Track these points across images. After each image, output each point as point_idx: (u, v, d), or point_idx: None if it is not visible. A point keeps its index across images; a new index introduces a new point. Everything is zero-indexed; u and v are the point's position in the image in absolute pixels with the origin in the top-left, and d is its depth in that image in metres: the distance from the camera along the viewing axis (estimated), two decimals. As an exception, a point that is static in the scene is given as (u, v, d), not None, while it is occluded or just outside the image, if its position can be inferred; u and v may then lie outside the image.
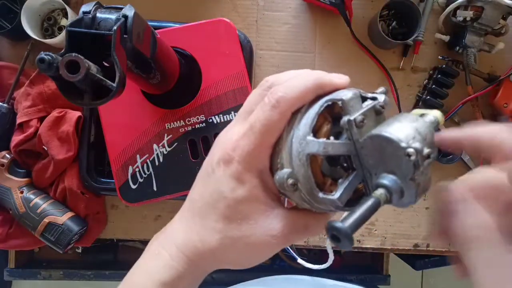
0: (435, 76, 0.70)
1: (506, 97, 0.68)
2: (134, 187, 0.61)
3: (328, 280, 0.66)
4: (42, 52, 0.34)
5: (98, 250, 0.95)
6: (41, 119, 0.66)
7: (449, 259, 0.74)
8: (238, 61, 0.60)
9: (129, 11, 0.39)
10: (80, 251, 0.96)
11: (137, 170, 0.61)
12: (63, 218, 0.65)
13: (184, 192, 0.61)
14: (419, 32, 0.70)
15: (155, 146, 0.61)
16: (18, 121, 0.66)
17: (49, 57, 0.33)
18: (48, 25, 0.70)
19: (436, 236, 0.29)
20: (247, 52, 0.63)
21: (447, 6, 0.67)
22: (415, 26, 0.68)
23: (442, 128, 0.56)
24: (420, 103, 0.71)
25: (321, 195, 0.27)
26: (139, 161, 0.61)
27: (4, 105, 0.67)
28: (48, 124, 0.65)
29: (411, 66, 0.73)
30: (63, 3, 0.66)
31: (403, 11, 0.70)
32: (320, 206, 0.29)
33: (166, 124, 0.61)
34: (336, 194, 0.27)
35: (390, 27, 0.72)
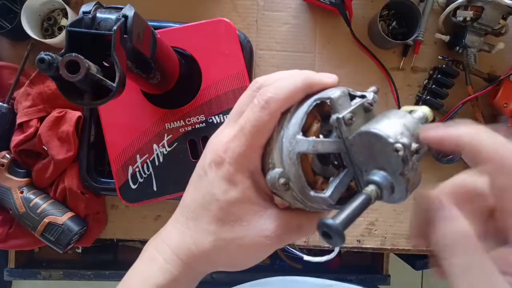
0: (435, 76, 0.70)
1: (506, 97, 0.68)
2: (134, 187, 0.61)
3: (328, 281, 0.66)
4: (42, 52, 0.34)
5: (98, 250, 0.95)
6: (41, 119, 0.66)
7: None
8: (238, 61, 0.60)
9: (129, 11, 0.39)
10: (80, 251, 0.95)
11: (137, 170, 0.61)
12: (63, 218, 0.65)
13: (184, 192, 0.61)
14: (419, 32, 0.70)
15: (155, 146, 0.61)
16: (18, 121, 0.66)
17: (49, 57, 0.33)
18: (48, 25, 0.70)
19: (415, 240, 0.29)
20: (247, 52, 0.63)
21: (447, 6, 0.67)
22: (415, 26, 0.68)
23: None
24: (420, 103, 0.71)
25: (312, 193, 0.27)
26: (139, 161, 0.61)
27: (4, 105, 0.67)
28: (48, 124, 0.65)
29: (411, 66, 0.73)
30: (63, 3, 0.66)
31: (403, 11, 0.70)
32: (312, 204, 0.29)
33: (166, 124, 0.61)
34: (327, 192, 0.27)
35: (390, 27, 0.72)
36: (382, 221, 0.73)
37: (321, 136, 0.28)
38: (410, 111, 0.28)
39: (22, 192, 0.65)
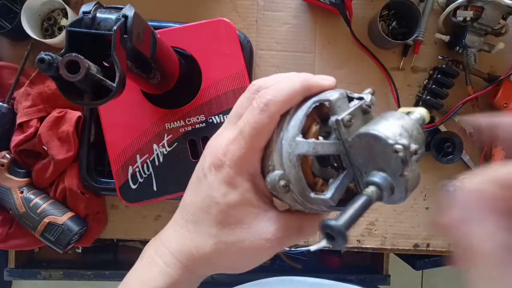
0: (435, 76, 0.70)
1: (506, 97, 0.68)
2: (134, 187, 0.61)
3: (328, 281, 0.66)
4: (42, 52, 0.33)
5: (98, 250, 0.95)
6: (41, 119, 0.66)
7: (445, 260, 0.73)
8: (238, 61, 0.60)
9: (129, 11, 0.39)
10: (80, 251, 0.95)
11: (137, 170, 0.61)
12: (63, 218, 0.65)
13: (184, 192, 0.61)
14: (419, 32, 0.70)
15: (155, 146, 0.61)
16: (18, 121, 0.66)
17: (49, 57, 0.33)
18: (48, 25, 0.70)
19: (437, 230, 0.27)
20: (247, 52, 0.63)
21: (447, 6, 0.67)
22: (415, 26, 0.68)
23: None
24: (420, 103, 0.71)
25: (313, 195, 0.28)
26: (139, 161, 0.61)
27: (4, 105, 0.67)
28: (48, 124, 0.65)
29: (411, 66, 0.73)
30: (63, 3, 0.66)
31: (403, 11, 0.70)
32: (312, 206, 0.29)
33: (166, 124, 0.61)
34: (328, 193, 0.27)
35: (390, 27, 0.72)
36: (382, 221, 0.73)
37: (320, 138, 0.28)
38: (407, 113, 0.28)
39: (22, 192, 0.65)
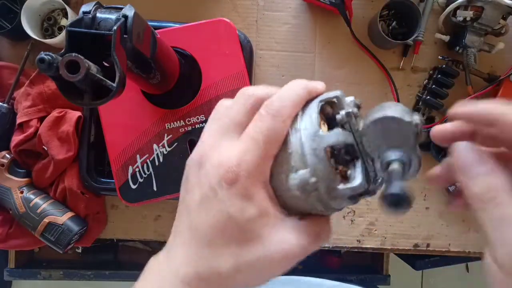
0: (435, 76, 0.70)
1: (506, 97, 0.68)
2: (134, 187, 0.61)
3: (328, 281, 0.66)
4: (42, 52, 0.33)
5: (98, 250, 0.95)
6: (41, 119, 0.66)
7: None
8: (238, 61, 0.60)
9: (129, 11, 0.39)
10: (80, 251, 0.96)
11: (137, 170, 0.61)
12: (63, 218, 0.65)
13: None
14: (419, 32, 0.70)
15: (155, 146, 0.61)
16: (18, 121, 0.66)
17: (49, 57, 0.33)
18: (48, 25, 0.70)
19: (435, 182, 0.31)
20: (247, 52, 0.63)
21: (447, 6, 0.67)
22: (415, 26, 0.68)
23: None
24: (420, 103, 0.71)
25: (341, 186, 0.28)
26: (139, 161, 0.61)
27: (4, 105, 0.67)
28: (48, 124, 0.65)
29: (411, 66, 0.73)
30: (63, 3, 0.66)
31: (403, 11, 0.70)
32: (334, 203, 0.29)
33: (166, 124, 0.61)
34: (356, 180, 0.28)
35: (390, 27, 0.72)
36: (382, 221, 0.73)
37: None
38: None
39: (22, 192, 0.65)
